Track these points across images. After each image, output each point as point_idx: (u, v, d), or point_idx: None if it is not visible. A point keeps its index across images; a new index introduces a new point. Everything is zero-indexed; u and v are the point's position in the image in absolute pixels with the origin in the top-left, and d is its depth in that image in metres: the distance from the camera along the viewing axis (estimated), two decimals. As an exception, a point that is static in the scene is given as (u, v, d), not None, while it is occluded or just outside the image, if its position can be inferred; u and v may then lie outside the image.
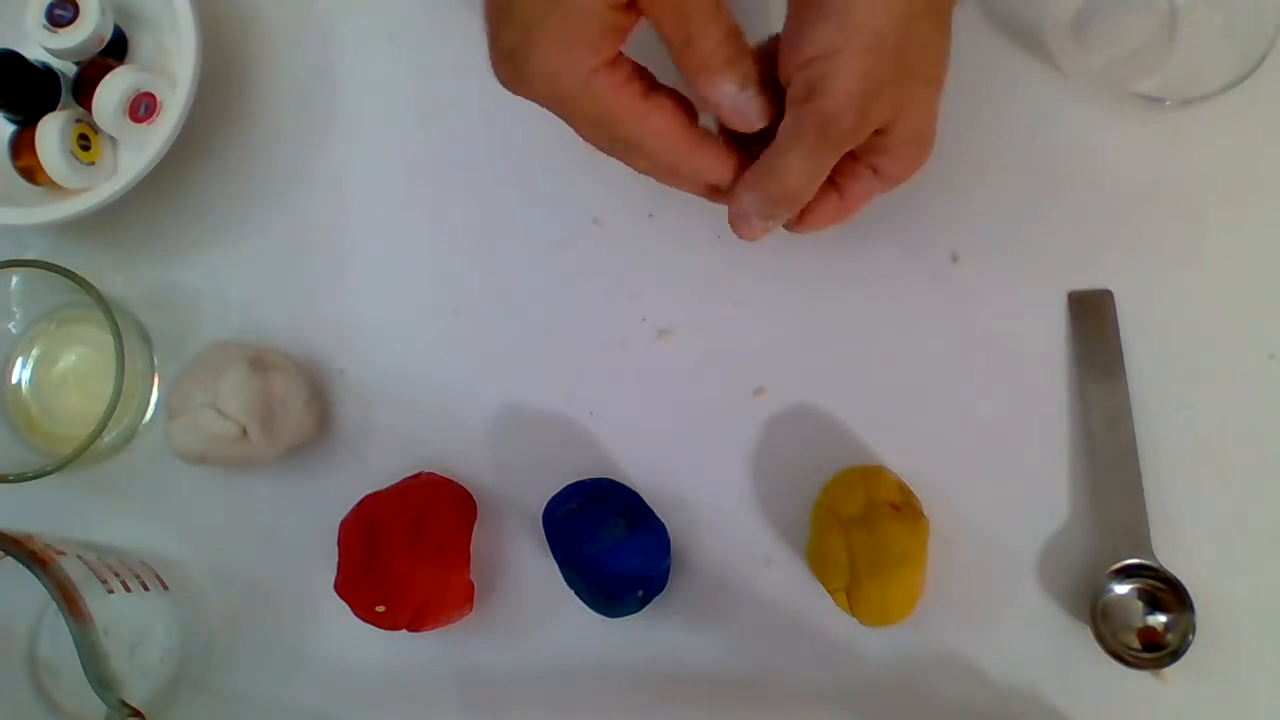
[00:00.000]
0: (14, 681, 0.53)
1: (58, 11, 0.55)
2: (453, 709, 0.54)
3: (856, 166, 0.45)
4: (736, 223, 0.45)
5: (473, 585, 0.53)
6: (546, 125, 0.43)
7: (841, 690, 0.53)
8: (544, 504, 0.52)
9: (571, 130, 0.43)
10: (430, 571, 0.51)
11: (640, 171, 0.44)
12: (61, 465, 0.51)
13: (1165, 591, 0.51)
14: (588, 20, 0.38)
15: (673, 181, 0.44)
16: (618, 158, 0.43)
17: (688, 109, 0.42)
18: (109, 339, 0.51)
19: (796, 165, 0.42)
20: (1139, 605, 0.51)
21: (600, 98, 0.40)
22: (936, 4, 0.41)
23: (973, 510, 0.53)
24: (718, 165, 0.43)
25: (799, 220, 0.46)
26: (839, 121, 0.40)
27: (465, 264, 0.57)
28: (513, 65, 0.40)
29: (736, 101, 0.41)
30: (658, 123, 0.41)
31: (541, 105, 0.42)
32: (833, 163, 0.43)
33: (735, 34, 0.39)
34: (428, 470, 0.54)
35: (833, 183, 0.45)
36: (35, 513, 0.54)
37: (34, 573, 0.45)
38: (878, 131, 0.42)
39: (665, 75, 0.42)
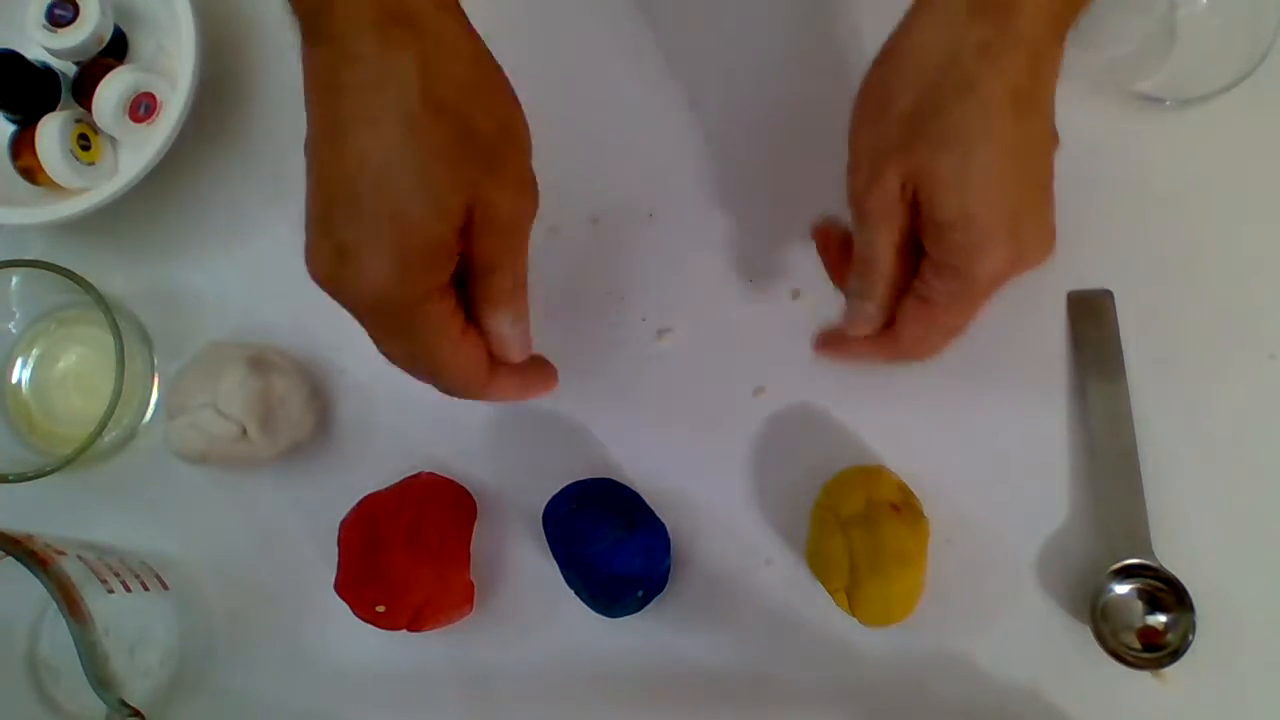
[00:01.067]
0: (14, 681, 0.53)
1: (58, 11, 0.55)
2: (453, 709, 0.54)
3: (925, 264, 0.42)
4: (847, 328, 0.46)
5: (473, 585, 0.53)
6: (544, 125, 0.43)
7: (841, 690, 0.53)
8: (544, 504, 0.52)
9: (572, 131, 0.42)
10: (430, 571, 0.51)
11: (409, 372, 0.42)
12: (61, 465, 0.51)
13: (1165, 591, 0.51)
14: (431, 243, 0.38)
15: (436, 383, 0.43)
16: (399, 364, 0.42)
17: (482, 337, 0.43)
18: (109, 339, 0.51)
19: (856, 234, 0.44)
20: (1139, 605, 0.51)
21: (427, 321, 0.40)
22: (965, 80, 0.39)
23: (973, 510, 0.53)
24: (499, 392, 0.44)
25: (892, 341, 0.45)
26: (854, 176, 0.42)
27: (465, 264, 0.57)
28: (340, 266, 0.38)
29: (508, 332, 0.42)
30: (468, 355, 0.42)
31: (349, 309, 0.39)
32: (885, 235, 0.42)
33: (522, 282, 0.42)
34: (428, 470, 0.54)
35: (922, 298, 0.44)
36: (35, 513, 0.54)
37: (34, 573, 0.45)
38: (918, 210, 0.41)
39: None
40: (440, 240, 0.38)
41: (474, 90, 0.39)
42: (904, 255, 0.43)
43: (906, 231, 0.42)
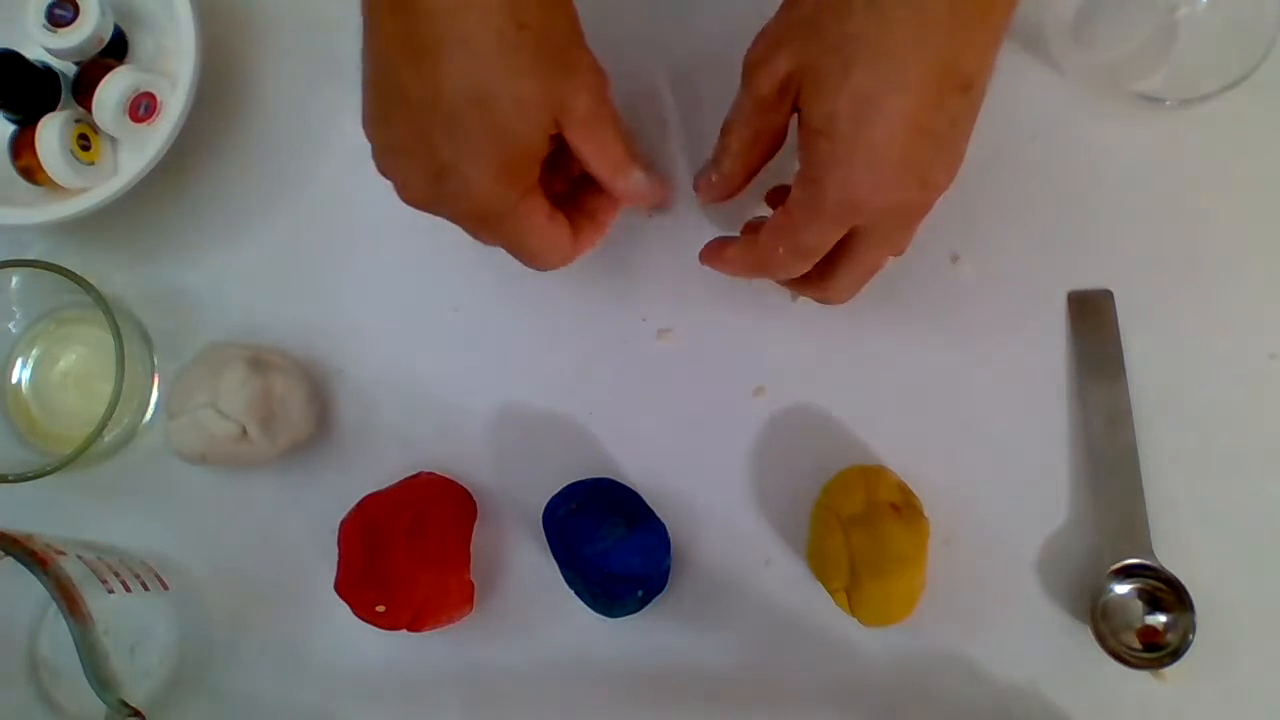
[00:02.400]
0: (14, 681, 0.53)
1: (58, 11, 0.55)
2: (453, 708, 0.54)
3: (796, 176, 0.44)
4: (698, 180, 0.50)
5: (473, 585, 0.53)
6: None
7: (841, 690, 0.53)
8: (544, 504, 0.52)
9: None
10: (430, 571, 0.51)
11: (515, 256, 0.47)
12: (61, 465, 0.51)
13: (1165, 591, 0.51)
14: (528, 151, 0.42)
15: (533, 265, 0.48)
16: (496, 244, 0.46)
17: (569, 221, 0.47)
18: (109, 339, 0.51)
19: (735, 101, 0.46)
20: (1139, 605, 0.51)
21: (524, 218, 0.44)
22: None
23: (973, 510, 0.53)
24: (582, 252, 0.48)
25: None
26: (752, 48, 0.44)
27: (464, 263, 0.57)
28: (442, 183, 0.42)
29: (643, 184, 0.46)
30: (558, 237, 0.46)
31: (449, 219, 0.44)
32: (754, 114, 0.44)
33: (627, 142, 0.45)
34: (428, 470, 0.54)
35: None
36: (35, 513, 0.54)
37: (34, 573, 0.45)
38: (799, 110, 0.42)
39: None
40: (538, 149, 0.42)
41: None
42: (762, 148, 0.46)
43: (775, 120, 0.44)
